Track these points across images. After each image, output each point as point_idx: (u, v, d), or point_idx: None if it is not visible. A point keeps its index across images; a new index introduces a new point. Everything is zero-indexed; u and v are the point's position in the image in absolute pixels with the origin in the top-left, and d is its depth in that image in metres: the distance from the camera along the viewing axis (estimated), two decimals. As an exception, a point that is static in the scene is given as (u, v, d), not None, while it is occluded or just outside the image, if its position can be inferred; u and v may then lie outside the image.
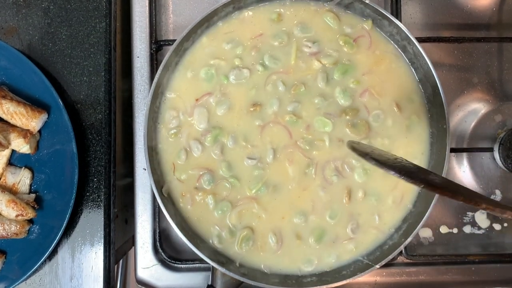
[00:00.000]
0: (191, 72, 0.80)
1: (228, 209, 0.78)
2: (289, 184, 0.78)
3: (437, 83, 0.76)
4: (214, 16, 0.78)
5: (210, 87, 0.79)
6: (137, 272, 0.87)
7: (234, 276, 0.74)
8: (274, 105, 0.78)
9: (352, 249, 0.78)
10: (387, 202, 0.79)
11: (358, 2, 0.78)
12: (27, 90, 0.81)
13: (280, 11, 0.81)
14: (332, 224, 0.78)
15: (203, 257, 0.73)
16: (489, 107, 0.91)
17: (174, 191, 0.79)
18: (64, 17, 0.84)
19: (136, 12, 0.89)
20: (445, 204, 0.91)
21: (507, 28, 0.94)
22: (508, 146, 0.86)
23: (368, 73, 0.80)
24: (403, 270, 0.89)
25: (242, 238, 0.77)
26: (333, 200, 0.78)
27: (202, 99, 0.79)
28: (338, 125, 0.79)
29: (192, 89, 0.80)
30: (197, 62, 0.80)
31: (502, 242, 0.91)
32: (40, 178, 0.81)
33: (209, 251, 0.77)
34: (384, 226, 0.79)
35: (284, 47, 0.80)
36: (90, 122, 0.83)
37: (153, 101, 0.77)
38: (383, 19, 0.79)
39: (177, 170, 0.78)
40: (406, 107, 0.80)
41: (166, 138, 0.79)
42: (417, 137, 0.80)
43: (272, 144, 0.78)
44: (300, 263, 0.78)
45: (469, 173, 0.91)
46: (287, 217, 0.78)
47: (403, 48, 0.80)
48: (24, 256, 0.80)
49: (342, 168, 0.78)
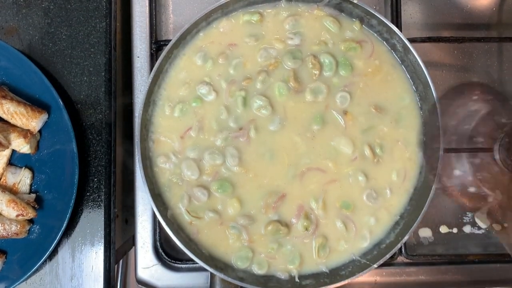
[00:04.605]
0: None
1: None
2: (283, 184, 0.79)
3: (428, 80, 0.76)
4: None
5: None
6: (137, 272, 0.87)
7: (232, 281, 0.74)
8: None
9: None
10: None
11: (346, 2, 0.78)
12: (27, 90, 0.82)
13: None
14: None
15: (201, 263, 0.73)
16: (489, 107, 0.91)
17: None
18: (64, 17, 0.85)
19: (136, 12, 0.89)
20: (445, 204, 0.91)
21: (507, 28, 0.94)
22: (508, 146, 0.86)
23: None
24: (403, 270, 0.89)
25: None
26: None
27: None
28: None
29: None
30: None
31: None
32: (40, 178, 0.82)
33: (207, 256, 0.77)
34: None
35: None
36: (90, 122, 0.83)
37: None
38: (372, 18, 0.79)
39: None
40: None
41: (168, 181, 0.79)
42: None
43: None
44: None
45: (469, 173, 0.91)
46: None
47: (393, 47, 0.81)
48: (25, 256, 0.80)
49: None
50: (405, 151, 0.79)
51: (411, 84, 0.81)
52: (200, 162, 0.78)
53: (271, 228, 0.76)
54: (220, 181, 0.78)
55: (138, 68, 0.88)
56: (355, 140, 0.79)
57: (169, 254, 0.87)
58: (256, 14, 0.81)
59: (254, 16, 0.80)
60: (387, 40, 0.81)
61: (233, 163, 0.77)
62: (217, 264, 0.77)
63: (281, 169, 0.78)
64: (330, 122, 0.79)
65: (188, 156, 0.78)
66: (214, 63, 0.80)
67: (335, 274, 0.77)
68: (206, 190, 0.78)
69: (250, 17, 0.80)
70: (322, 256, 0.77)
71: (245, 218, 0.77)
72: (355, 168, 0.79)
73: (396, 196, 0.79)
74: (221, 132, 0.78)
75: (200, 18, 0.77)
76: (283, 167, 0.78)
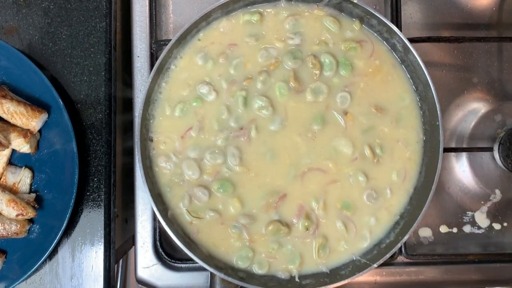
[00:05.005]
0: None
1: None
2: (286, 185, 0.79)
3: (428, 80, 0.76)
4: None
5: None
6: (137, 272, 0.87)
7: (232, 281, 0.74)
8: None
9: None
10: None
11: (346, 2, 0.78)
12: (27, 90, 0.81)
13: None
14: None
15: (201, 262, 0.73)
16: (489, 107, 0.91)
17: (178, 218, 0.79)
18: (64, 17, 0.85)
19: (136, 12, 0.89)
20: (445, 203, 0.91)
21: (507, 28, 0.94)
22: (508, 146, 0.86)
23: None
24: (403, 270, 0.89)
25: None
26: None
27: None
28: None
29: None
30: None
31: (502, 242, 0.91)
32: (40, 178, 0.82)
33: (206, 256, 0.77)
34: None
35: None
36: (90, 122, 0.83)
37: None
38: (372, 18, 0.79)
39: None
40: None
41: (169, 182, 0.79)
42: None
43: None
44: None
45: (469, 173, 0.91)
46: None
47: (393, 47, 0.81)
48: (25, 256, 0.80)
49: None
50: (405, 151, 0.80)
51: (411, 84, 0.81)
52: (201, 161, 0.78)
53: (272, 228, 0.76)
54: (221, 181, 0.78)
55: (138, 68, 0.88)
56: (355, 141, 0.79)
57: (169, 254, 0.87)
58: (256, 14, 0.80)
59: (254, 16, 0.80)
60: (387, 40, 0.81)
61: (234, 163, 0.77)
62: (217, 263, 0.77)
63: (282, 169, 0.78)
64: (331, 122, 0.79)
65: (189, 156, 0.78)
66: (215, 63, 0.80)
67: (335, 274, 0.77)
68: (207, 190, 0.78)
69: (250, 17, 0.80)
70: (322, 256, 0.77)
71: (246, 218, 0.77)
72: (356, 168, 0.79)
73: (396, 196, 0.79)
74: (221, 132, 0.78)
75: (200, 18, 0.77)
76: (284, 167, 0.78)
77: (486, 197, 0.91)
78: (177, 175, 0.78)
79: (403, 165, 0.80)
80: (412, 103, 0.81)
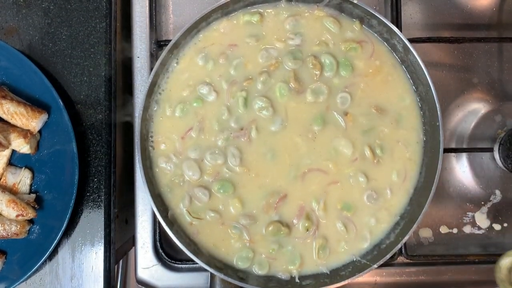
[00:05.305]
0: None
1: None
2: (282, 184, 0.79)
3: (428, 80, 0.76)
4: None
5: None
6: (137, 272, 0.87)
7: (232, 281, 0.74)
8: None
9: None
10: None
11: (346, 2, 0.78)
12: (27, 90, 0.81)
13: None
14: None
15: (201, 263, 0.73)
16: (489, 107, 0.91)
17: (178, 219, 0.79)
18: (64, 17, 0.84)
19: (136, 12, 0.88)
20: (445, 204, 0.91)
21: (507, 28, 0.94)
22: (508, 146, 0.86)
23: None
24: (403, 270, 0.89)
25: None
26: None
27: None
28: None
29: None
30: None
31: (502, 242, 0.91)
32: (40, 178, 0.81)
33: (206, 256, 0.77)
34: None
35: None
36: (90, 122, 0.83)
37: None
38: (372, 18, 0.79)
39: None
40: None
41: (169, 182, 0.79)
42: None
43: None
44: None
45: (469, 173, 0.91)
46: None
47: (393, 47, 0.81)
48: (25, 256, 0.80)
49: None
50: (405, 151, 0.79)
51: (411, 85, 0.81)
52: (201, 162, 0.78)
53: (272, 228, 0.76)
54: (221, 181, 0.78)
55: (138, 68, 0.88)
56: (355, 141, 0.79)
57: (169, 254, 0.87)
58: (256, 14, 0.80)
59: (255, 17, 0.80)
60: (387, 40, 0.81)
61: (235, 163, 0.77)
62: (217, 264, 0.77)
63: (282, 169, 0.78)
64: (331, 123, 0.79)
65: (189, 156, 0.78)
66: (215, 64, 0.80)
67: (335, 275, 0.77)
68: (207, 191, 0.78)
69: (250, 18, 0.80)
70: (323, 257, 0.77)
71: (247, 218, 0.77)
72: (356, 169, 0.79)
73: (396, 196, 0.79)
74: (222, 132, 0.78)
75: (200, 18, 0.77)
76: (285, 168, 0.78)
77: (486, 197, 0.91)
78: (177, 176, 0.78)
79: (403, 166, 0.80)
80: (412, 103, 0.81)
